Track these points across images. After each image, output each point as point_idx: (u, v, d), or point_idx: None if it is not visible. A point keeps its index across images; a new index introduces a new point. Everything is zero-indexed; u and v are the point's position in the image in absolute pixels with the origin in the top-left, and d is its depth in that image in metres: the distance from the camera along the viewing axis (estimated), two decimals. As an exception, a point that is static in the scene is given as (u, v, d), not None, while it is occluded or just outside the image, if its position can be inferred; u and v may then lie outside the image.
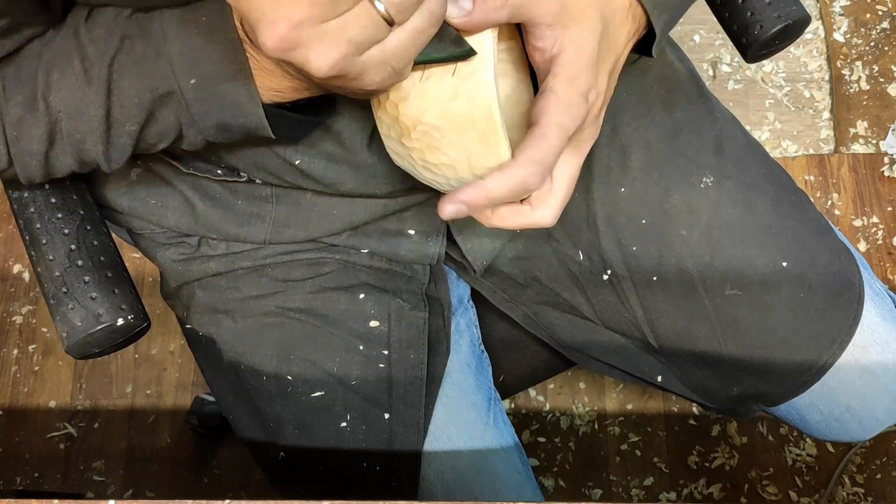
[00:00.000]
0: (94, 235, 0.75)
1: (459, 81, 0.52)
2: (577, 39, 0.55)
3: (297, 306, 0.78)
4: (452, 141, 0.54)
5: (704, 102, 0.83)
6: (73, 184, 0.76)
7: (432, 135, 0.54)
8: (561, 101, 0.54)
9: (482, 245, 0.81)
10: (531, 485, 0.83)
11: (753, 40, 0.82)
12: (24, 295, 1.51)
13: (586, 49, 0.55)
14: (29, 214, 0.74)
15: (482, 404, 0.82)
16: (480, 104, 0.52)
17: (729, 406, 0.84)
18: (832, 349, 0.77)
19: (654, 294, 0.79)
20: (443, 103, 0.52)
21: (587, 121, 0.57)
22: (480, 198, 0.54)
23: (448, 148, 0.54)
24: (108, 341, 0.72)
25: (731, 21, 0.85)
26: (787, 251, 0.77)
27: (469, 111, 0.52)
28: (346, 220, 0.78)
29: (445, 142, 0.54)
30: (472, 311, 0.88)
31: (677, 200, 0.78)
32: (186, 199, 0.77)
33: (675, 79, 0.83)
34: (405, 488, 0.77)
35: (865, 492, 1.35)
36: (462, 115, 0.52)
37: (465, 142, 0.53)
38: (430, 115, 0.53)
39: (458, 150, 0.54)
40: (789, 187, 0.82)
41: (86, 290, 0.71)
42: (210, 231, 0.78)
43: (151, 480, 1.39)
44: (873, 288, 0.80)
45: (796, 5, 0.82)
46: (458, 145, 0.54)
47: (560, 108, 0.54)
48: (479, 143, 0.53)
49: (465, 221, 0.80)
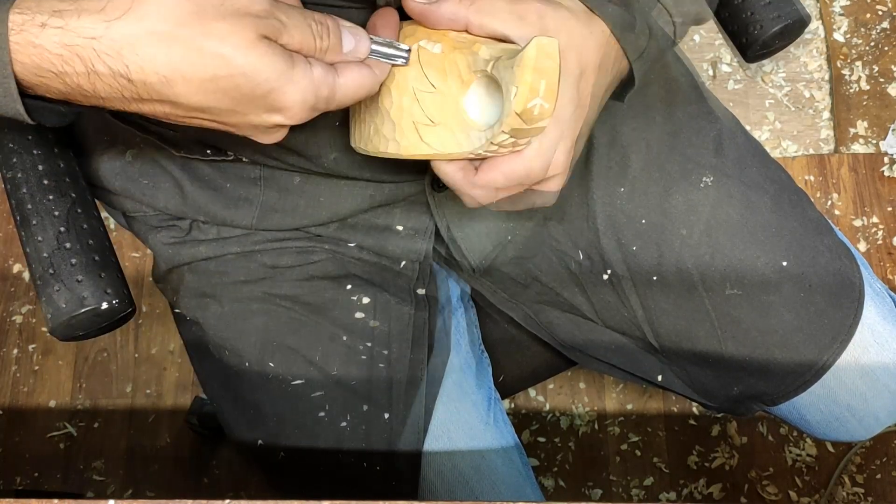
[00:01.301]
0: (85, 219, 0.75)
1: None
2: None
3: (284, 293, 0.79)
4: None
5: (704, 102, 0.83)
6: (66, 166, 0.76)
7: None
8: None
9: (477, 243, 0.81)
10: (531, 484, 0.83)
11: (753, 40, 0.82)
12: (24, 294, 1.51)
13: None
14: (21, 195, 0.74)
15: (482, 404, 0.82)
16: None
17: (729, 406, 0.84)
18: (832, 349, 0.77)
19: (655, 293, 0.79)
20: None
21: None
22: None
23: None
24: (92, 324, 0.73)
25: (731, 21, 0.85)
26: (787, 251, 0.77)
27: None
28: (332, 208, 0.78)
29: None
30: (472, 311, 0.88)
31: (677, 200, 0.78)
32: (176, 180, 0.78)
33: (674, 79, 0.83)
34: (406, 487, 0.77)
35: (865, 492, 1.35)
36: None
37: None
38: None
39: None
40: (789, 187, 0.82)
41: (72, 273, 0.72)
42: (199, 213, 0.79)
43: (151, 480, 1.39)
44: (873, 287, 0.80)
45: (795, 5, 0.82)
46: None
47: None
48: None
49: (459, 219, 0.80)
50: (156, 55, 0.49)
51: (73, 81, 0.51)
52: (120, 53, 0.49)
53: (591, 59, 0.62)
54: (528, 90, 0.55)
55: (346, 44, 0.56)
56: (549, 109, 0.56)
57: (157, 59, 0.49)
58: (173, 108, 0.53)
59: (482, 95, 0.61)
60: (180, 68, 0.50)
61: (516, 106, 0.55)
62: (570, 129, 0.60)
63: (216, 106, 0.52)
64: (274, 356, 0.77)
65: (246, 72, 0.51)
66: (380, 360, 0.78)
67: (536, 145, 0.59)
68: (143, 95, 0.51)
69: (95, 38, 0.49)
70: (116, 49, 0.49)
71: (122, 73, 0.50)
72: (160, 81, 0.50)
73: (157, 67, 0.50)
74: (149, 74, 0.50)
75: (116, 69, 0.50)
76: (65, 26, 0.49)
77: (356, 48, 0.57)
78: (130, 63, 0.49)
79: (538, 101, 0.55)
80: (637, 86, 0.69)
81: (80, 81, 0.51)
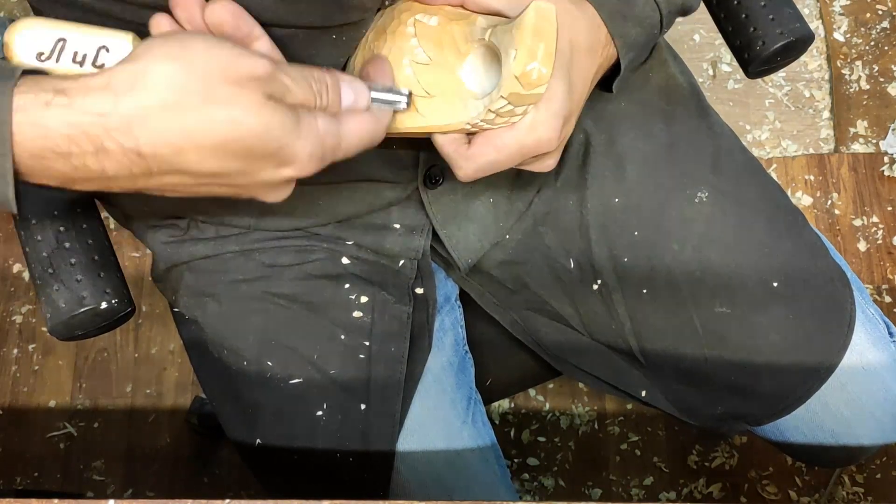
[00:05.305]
0: (84, 218, 0.75)
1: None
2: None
3: (283, 292, 0.79)
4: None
5: (704, 117, 0.83)
6: None
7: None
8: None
9: (467, 241, 0.81)
10: (507, 486, 0.83)
11: (755, 56, 0.82)
12: (24, 294, 1.51)
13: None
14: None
15: (462, 403, 0.82)
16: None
17: (712, 424, 0.84)
18: (818, 374, 0.76)
19: (643, 306, 0.79)
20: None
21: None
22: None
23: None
24: (91, 324, 0.73)
25: (734, 36, 0.84)
26: (778, 272, 0.77)
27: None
28: (331, 211, 0.78)
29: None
30: (458, 311, 0.88)
31: (671, 214, 0.78)
32: None
33: (676, 91, 0.83)
34: (378, 480, 0.77)
35: (865, 492, 1.35)
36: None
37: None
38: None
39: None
40: (785, 207, 0.81)
41: (71, 273, 0.72)
42: (197, 213, 0.78)
43: (151, 480, 1.39)
44: (866, 314, 0.80)
45: (800, 22, 0.82)
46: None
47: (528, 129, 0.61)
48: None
49: (451, 217, 0.80)
50: (167, 126, 0.49)
51: (79, 161, 0.50)
52: (130, 127, 0.49)
53: (581, 41, 0.63)
54: (528, 53, 0.55)
55: (346, 98, 0.57)
56: (546, 75, 0.56)
57: (168, 130, 0.49)
58: (183, 178, 0.53)
59: (479, 66, 0.62)
60: (192, 136, 0.50)
61: (515, 68, 0.56)
62: (561, 107, 0.61)
63: (227, 169, 0.53)
64: (272, 355, 0.77)
65: (257, 132, 0.51)
66: (378, 359, 0.78)
67: (529, 120, 0.60)
68: (153, 169, 0.51)
69: (104, 115, 0.49)
70: (126, 124, 0.49)
71: (133, 148, 0.50)
72: (172, 152, 0.50)
73: (168, 138, 0.50)
74: (160, 146, 0.50)
75: (127, 145, 0.49)
76: (70, 104, 0.48)
77: (356, 101, 0.58)
78: (141, 136, 0.49)
79: (536, 65, 0.56)
80: (623, 73, 0.70)
81: (86, 161, 0.50)
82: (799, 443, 0.81)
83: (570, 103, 0.62)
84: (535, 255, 0.82)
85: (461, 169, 0.63)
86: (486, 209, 0.81)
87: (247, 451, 0.80)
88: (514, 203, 0.81)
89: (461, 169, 0.63)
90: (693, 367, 0.79)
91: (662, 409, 0.84)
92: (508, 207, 0.81)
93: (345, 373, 0.77)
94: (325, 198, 0.78)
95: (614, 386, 0.85)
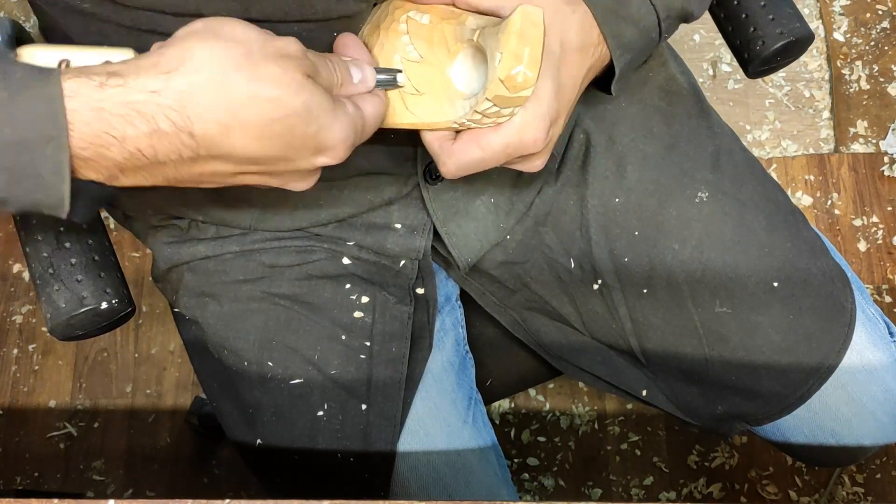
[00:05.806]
0: None
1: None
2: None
3: (283, 292, 0.79)
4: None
5: (704, 117, 0.83)
6: None
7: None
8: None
9: (468, 240, 0.81)
10: (508, 486, 0.83)
11: (755, 56, 0.82)
12: (24, 294, 1.51)
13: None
14: None
15: (462, 403, 0.82)
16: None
17: (712, 424, 0.84)
18: (819, 373, 0.76)
19: (644, 306, 0.79)
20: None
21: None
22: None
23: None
24: (91, 324, 0.73)
25: (734, 35, 0.84)
26: (779, 271, 0.77)
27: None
28: (332, 210, 0.78)
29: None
30: (459, 311, 0.88)
31: (671, 214, 0.78)
32: None
33: (676, 92, 0.83)
34: (379, 480, 0.77)
35: (865, 491, 1.35)
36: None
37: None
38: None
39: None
40: (785, 206, 0.81)
41: (72, 273, 0.72)
42: (198, 213, 0.78)
43: (151, 480, 1.39)
44: (866, 313, 0.80)
45: (799, 22, 0.82)
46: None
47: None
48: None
49: (452, 215, 0.80)
50: (216, 102, 0.50)
51: (132, 146, 0.50)
52: (182, 104, 0.50)
53: (572, 40, 0.63)
54: (513, 56, 0.55)
55: (355, 75, 0.59)
56: (531, 78, 0.56)
57: (217, 108, 0.50)
58: (225, 165, 0.54)
59: (468, 66, 0.62)
60: (239, 114, 0.51)
61: (500, 72, 0.56)
62: (550, 107, 0.61)
63: (268, 154, 0.54)
64: (273, 355, 0.77)
65: (299, 111, 0.52)
66: (379, 359, 0.78)
67: (517, 121, 0.60)
68: (201, 152, 0.52)
69: (157, 92, 0.49)
70: (178, 101, 0.50)
71: (185, 128, 0.50)
72: (220, 132, 0.51)
73: (218, 115, 0.50)
74: (210, 125, 0.50)
75: (180, 124, 0.50)
76: (125, 84, 0.49)
77: (364, 78, 0.59)
78: (192, 114, 0.50)
79: (521, 68, 0.56)
80: (620, 75, 0.69)
81: (139, 145, 0.50)
82: (799, 443, 0.81)
83: (559, 104, 0.62)
84: (535, 254, 0.82)
85: (444, 165, 0.63)
86: (486, 209, 0.81)
87: (247, 452, 0.80)
88: (516, 204, 0.81)
89: (444, 165, 0.63)
90: (693, 367, 0.79)
91: (663, 409, 0.84)
92: (509, 208, 0.81)
93: (345, 373, 0.77)
94: (325, 197, 0.78)
95: (615, 385, 0.85)
